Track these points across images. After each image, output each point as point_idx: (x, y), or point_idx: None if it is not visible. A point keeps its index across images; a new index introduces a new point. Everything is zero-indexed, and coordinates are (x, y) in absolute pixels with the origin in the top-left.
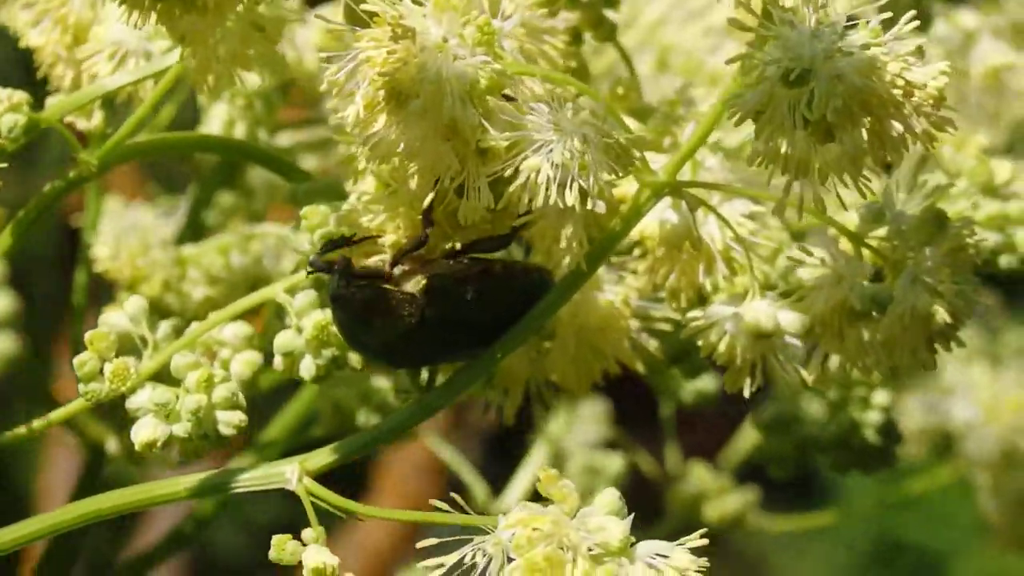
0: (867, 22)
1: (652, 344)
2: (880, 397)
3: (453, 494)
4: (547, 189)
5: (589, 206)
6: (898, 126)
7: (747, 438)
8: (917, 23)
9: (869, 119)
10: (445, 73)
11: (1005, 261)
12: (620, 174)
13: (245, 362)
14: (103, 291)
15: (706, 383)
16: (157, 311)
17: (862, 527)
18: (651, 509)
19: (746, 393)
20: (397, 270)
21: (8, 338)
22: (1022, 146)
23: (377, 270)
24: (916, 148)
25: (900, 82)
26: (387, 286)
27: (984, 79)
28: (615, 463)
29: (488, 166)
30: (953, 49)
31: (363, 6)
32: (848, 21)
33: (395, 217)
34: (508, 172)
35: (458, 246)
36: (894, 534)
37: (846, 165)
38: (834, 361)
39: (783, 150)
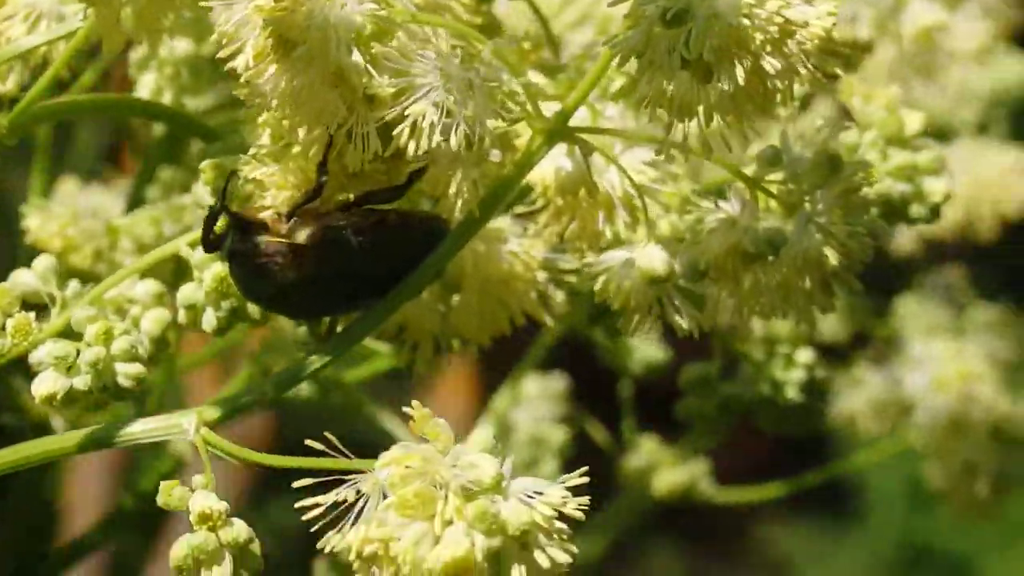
0: None
1: (560, 296)
2: (804, 355)
3: (328, 434)
4: (431, 134)
5: (488, 155)
6: (776, 64)
7: None
8: None
9: (747, 58)
10: (331, 19)
11: (915, 211)
12: (506, 120)
13: (155, 319)
14: None
15: (653, 353)
16: (88, 280)
17: (887, 529)
18: (608, 483)
19: (641, 335)
20: (291, 222)
21: None
22: (996, 126)
23: (271, 223)
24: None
25: (778, 20)
26: (281, 239)
27: (916, 40)
28: (559, 434)
29: (375, 113)
30: (885, 10)
31: None
32: None
33: (290, 170)
34: (392, 117)
35: (351, 197)
36: (921, 537)
37: (728, 105)
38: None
39: (666, 91)
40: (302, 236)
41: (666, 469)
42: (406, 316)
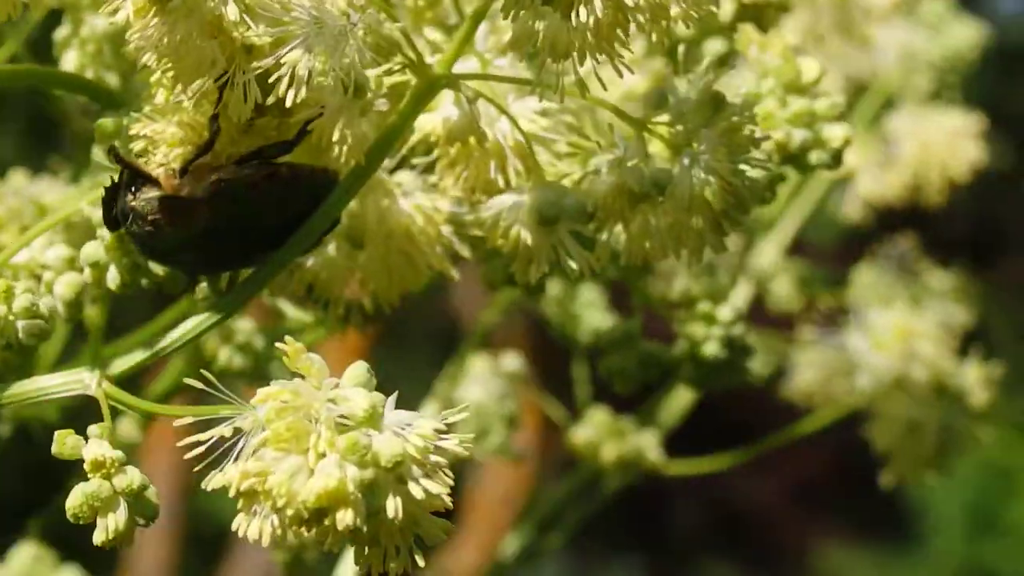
0: None
1: (464, 249)
2: (724, 312)
3: (205, 371)
4: (309, 82)
5: (373, 104)
6: None
7: None
8: None
9: None
10: None
11: (815, 157)
12: (388, 67)
13: (67, 283)
14: None
15: (600, 320)
16: None
17: (948, 553)
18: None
19: (531, 280)
20: (184, 178)
21: None
22: (948, 92)
23: (164, 179)
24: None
25: None
26: (174, 194)
27: None
28: (507, 404)
29: (255, 63)
30: None
31: None
32: None
33: (180, 125)
34: (269, 65)
35: (242, 152)
36: (982, 561)
37: (595, 41)
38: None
39: (536, 30)
40: (195, 190)
41: (614, 440)
42: (315, 275)
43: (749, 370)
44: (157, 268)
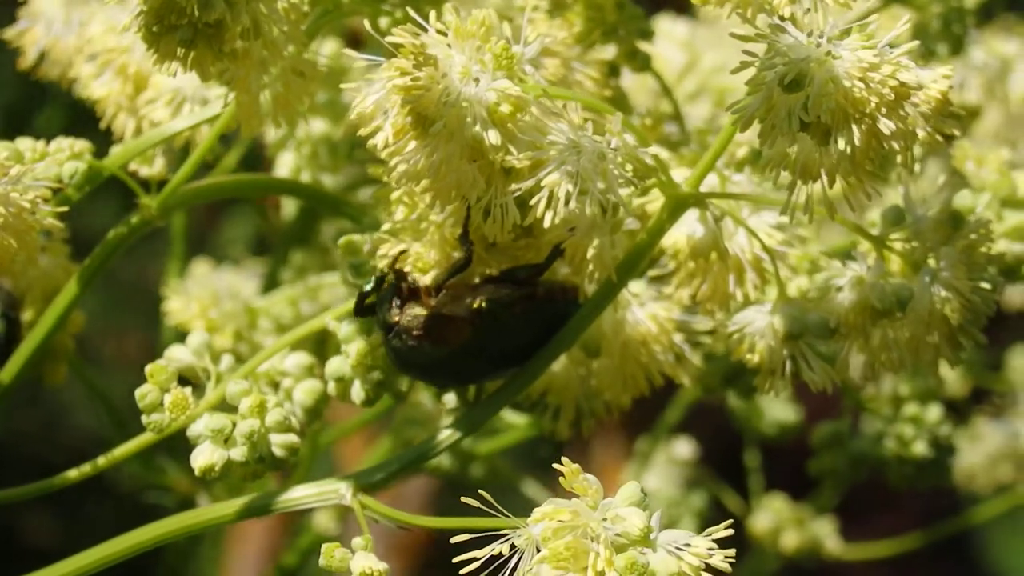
0: (863, 28)
1: (696, 358)
2: (933, 412)
3: (482, 491)
4: (567, 204)
5: (626, 224)
6: (891, 125)
7: None
8: (907, 25)
9: (864, 120)
10: (467, 96)
11: None
12: (640, 187)
13: (307, 391)
14: None
15: (785, 413)
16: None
17: None
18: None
19: (777, 395)
20: (442, 295)
21: None
22: None
23: (423, 296)
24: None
25: (892, 83)
26: (438, 312)
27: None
28: (698, 497)
29: (512, 185)
30: (992, 75)
31: (388, 38)
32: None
33: (429, 244)
34: (527, 187)
35: (494, 271)
36: None
37: (848, 166)
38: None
39: (789, 154)
40: (457, 309)
41: (793, 528)
42: (549, 381)
43: (952, 469)
44: (400, 383)
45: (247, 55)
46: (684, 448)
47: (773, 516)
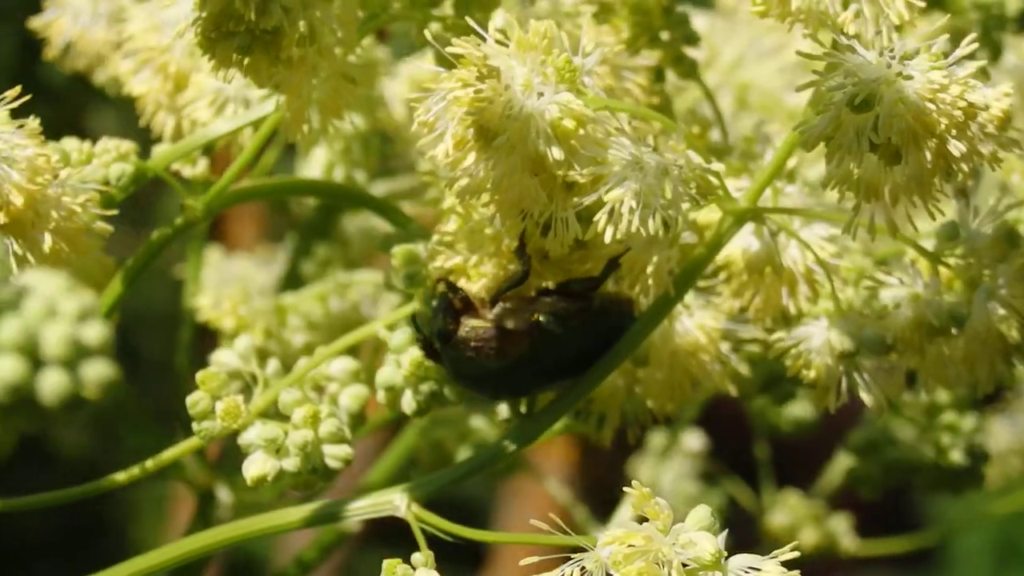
0: (930, 47)
1: (743, 367)
2: (968, 420)
3: (551, 514)
4: (630, 219)
5: (681, 237)
6: (961, 146)
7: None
8: (976, 46)
9: (933, 141)
10: (529, 110)
11: None
12: (701, 203)
13: (353, 396)
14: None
15: (802, 410)
16: (261, 358)
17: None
18: (749, 539)
19: (831, 408)
20: (499, 308)
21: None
22: None
23: (479, 307)
24: (991, 172)
25: (962, 103)
26: (496, 325)
27: None
28: (716, 496)
29: (574, 199)
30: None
31: (449, 49)
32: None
33: (485, 256)
34: (589, 203)
35: (550, 284)
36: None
37: (914, 186)
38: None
39: (854, 173)
40: (514, 322)
41: (810, 525)
42: (597, 391)
43: (984, 476)
44: (452, 394)
45: (302, 61)
46: (695, 441)
47: (789, 513)
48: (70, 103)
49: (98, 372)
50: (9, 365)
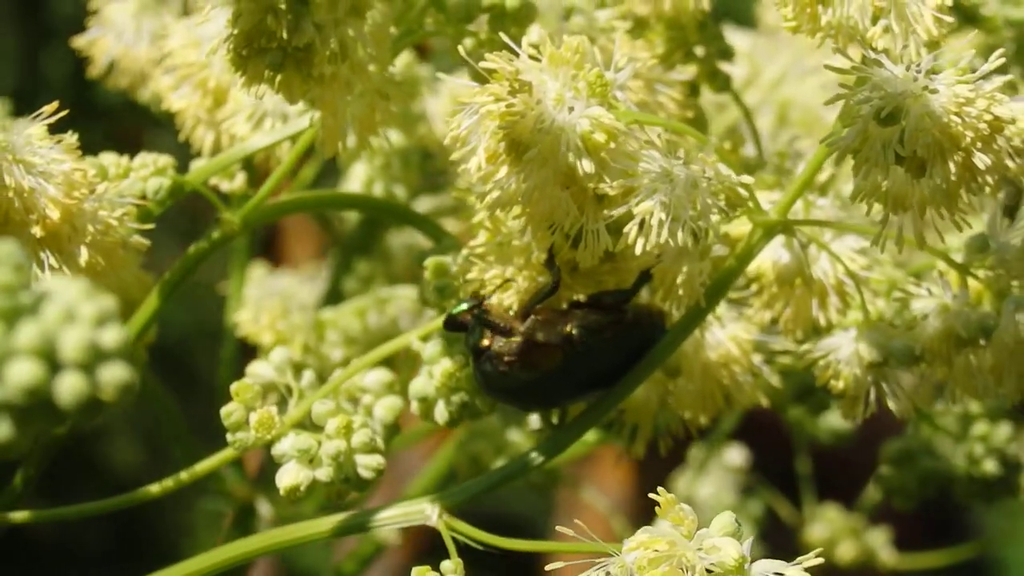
0: (957, 61)
1: (773, 378)
2: (1001, 430)
3: (577, 521)
4: (660, 231)
5: (714, 249)
6: (987, 159)
7: None
8: (1003, 60)
9: (959, 154)
10: (561, 123)
11: None
12: (731, 215)
13: (387, 407)
14: None
15: (839, 421)
16: (297, 371)
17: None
18: (789, 552)
19: (857, 420)
20: (530, 320)
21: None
22: None
23: (512, 320)
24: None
25: (988, 117)
26: (530, 338)
27: None
28: (755, 506)
29: (604, 212)
30: None
31: (482, 64)
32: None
33: (516, 269)
34: (619, 214)
35: (581, 297)
36: None
37: (941, 199)
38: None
39: (881, 186)
40: (548, 335)
41: (849, 538)
42: (627, 401)
43: (1019, 486)
44: (484, 404)
45: (335, 78)
46: (736, 455)
47: (828, 526)
48: (126, 123)
49: (115, 375)
50: (27, 368)
